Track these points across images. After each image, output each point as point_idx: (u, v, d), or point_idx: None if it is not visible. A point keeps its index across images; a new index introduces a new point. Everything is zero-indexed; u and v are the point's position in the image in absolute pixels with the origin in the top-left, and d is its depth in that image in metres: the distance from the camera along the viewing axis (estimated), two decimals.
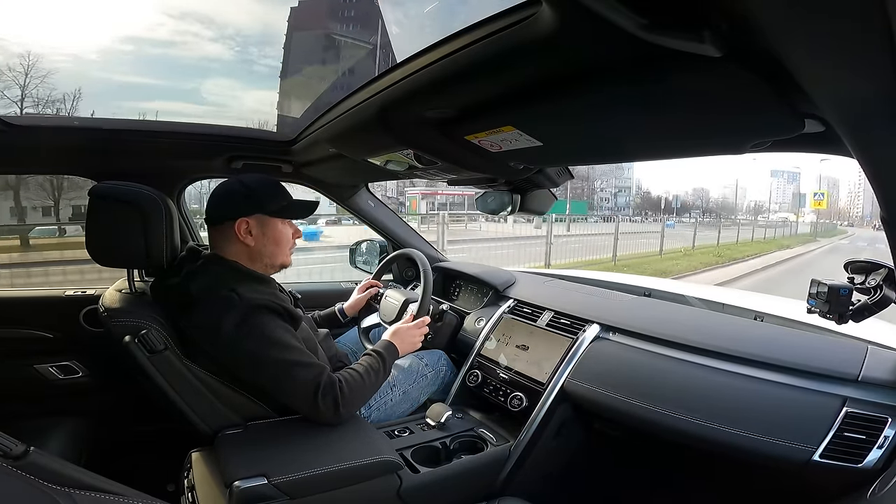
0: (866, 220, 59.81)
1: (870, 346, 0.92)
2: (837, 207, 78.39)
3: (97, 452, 1.29)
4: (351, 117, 0.91)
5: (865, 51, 0.33)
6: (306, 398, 0.92)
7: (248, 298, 0.94)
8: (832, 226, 34.96)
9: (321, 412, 0.93)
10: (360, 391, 1.00)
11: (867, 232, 33.87)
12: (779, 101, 0.50)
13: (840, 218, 71.89)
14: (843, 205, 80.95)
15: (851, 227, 52.06)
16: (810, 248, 16.04)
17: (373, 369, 1.06)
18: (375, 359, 1.09)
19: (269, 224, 1.04)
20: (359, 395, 1.00)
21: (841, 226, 53.20)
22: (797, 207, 38.45)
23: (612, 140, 0.80)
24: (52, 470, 0.48)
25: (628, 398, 1.00)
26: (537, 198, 1.26)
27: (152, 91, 25.12)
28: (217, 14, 6.62)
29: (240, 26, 5.86)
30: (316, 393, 0.92)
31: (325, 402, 0.93)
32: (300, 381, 0.93)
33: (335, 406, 0.94)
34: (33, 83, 11.88)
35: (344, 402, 0.95)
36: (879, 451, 0.75)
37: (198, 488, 0.84)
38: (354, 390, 0.98)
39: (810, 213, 34.96)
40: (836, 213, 74.76)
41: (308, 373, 0.94)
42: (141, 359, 0.89)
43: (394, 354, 1.14)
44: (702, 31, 0.38)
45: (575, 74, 0.55)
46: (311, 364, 0.95)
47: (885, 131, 0.44)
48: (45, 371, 1.38)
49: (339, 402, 0.94)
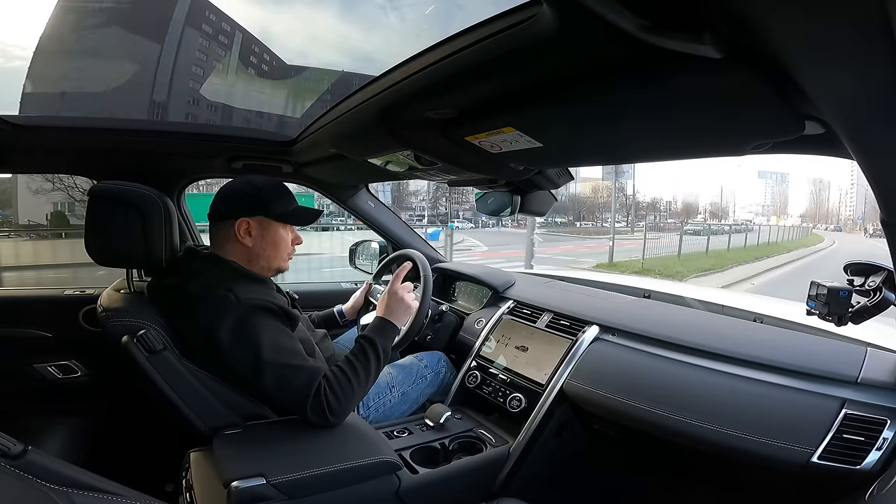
0: (858, 223, 53.51)
1: (869, 348, 0.92)
2: (826, 208, 75.02)
3: (95, 452, 1.29)
4: (351, 118, 0.91)
5: (866, 52, 0.33)
6: (297, 404, 0.91)
7: (245, 299, 0.94)
8: (805, 230, 28.92)
9: (312, 419, 0.91)
10: (347, 390, 0.94)
11: (853, 239, 27.80)
12: (779, 103, 0.50)
13: (828, 220, 67.70)
14: (833, 206, 75.88)
15: (839, 232, 46.41)
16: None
17: (358, 361, 0.99)
18: (360, 346, 1.02)
19: (270, 227, 1.04)
20: (348, 394, 0.94)
21: (827, 229, 47.09)
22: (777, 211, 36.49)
23: (612, 141, 0.80)
24: (51, 469, 0.48)
25: (627, 399, 1.00)
26: (537, 199, 1.27)
27: None
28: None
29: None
30: (306, 399, 0.90)
31: (314, 410, 0.90)
32: (292, 386, 0.91)
33: (322, 413, 0.90)
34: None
35: (330, 409, 0.91)
36: (878, 453, 0.75)
37: (196, 488, 0.84)
38: (340, 393, 0.93)
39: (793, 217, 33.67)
40: (824, 214, 71.66)
41: (299, 378, 0.91)
42: (139, 359, 0.89)
43: (384, 330, 1.06)
44: (702, 33, 0.38)
45: (575, 76, 0.55)
46: (303, 367, 0.93)
47: (886, 133, 0.44)
48: (44, 370, 1.37)
49: (325, 409, 0.90)
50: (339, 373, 0.96)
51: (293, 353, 0.94)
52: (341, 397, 0.93)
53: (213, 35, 1.55)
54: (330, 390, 0.92)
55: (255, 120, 1.70)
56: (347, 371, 0.96)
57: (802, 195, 77.30)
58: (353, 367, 0.98)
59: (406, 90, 0.70)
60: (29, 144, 1.24)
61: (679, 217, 47.16)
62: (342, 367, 0.97)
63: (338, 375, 0.95)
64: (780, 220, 29.22)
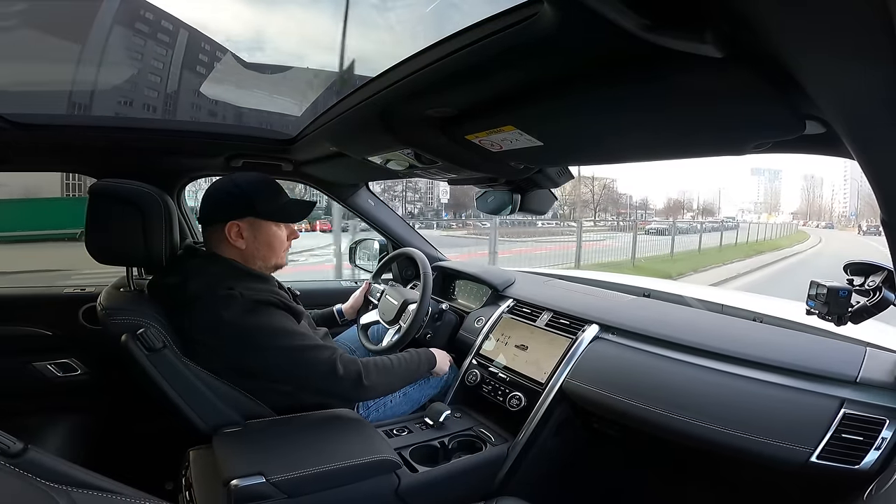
0: (851, 220, 51.33)
1: (868, 348, 0.92)
2: (819, 205, 71.62)
3: (95, 450, 1.29)
4: (352, 116, 0.91)
5: (867, 51, 0.33)
6: (327, 373, 0.94)
7: (248, 295, 0.94)
8: (791, 227, 24.58)
9: (344, 384, 0.95)
10: (385, 369, 1.05)
11: (844, 238, 23.78)
12: (780, 103, 0.49)
13: (820, 217, 65.59)
14: (826, 202, 71.94)
15: (831, 229, 43.64)
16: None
17: (405, 359, 1.12)
18: (411, 353, 1.15)
19: (262, 227, 1.01)
20: (384, 373, 1.04)
21: (818, 226, 43.62)
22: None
23: (613, 140, 0.80)
24: (50, 468, 0.48)
25: (627, 398, 1.00)
26: (538, 197, 1.26)
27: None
28: (210, 21, 6.47)
29: (230, 32, 5.68)
30: (335, 366, 0.95)
31: (348, 372, 0.96)
32: (317, 360, 0.95)
33: (357, 376, 0.96)
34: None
35: (367, 373, 0.98)
36: (877, 453, 0.76)
37: (196, 486, 0.84)
38: (379, 366, 1.03)
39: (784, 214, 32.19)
40: (816, 211, 69.23)
41: (323, 352, 0.96)
42: (139, 357, 0.89)
43: (430, 358, 1.21)
44: (703, 32, 0.38)
45: (576, 74, 0.55)
46: (324, 346, 0.98)
47: (886, 133, 0.44)
48: (44, 369, 1.37)
49: (361, 373, 0.97)
50: (381, 357, 1.10)
51: (307, 336, 0.97)
52: (381, 368, 1.04)
53: (150, 34, 1.51)
54: (371, 361, 1.03)
55: (204, 118, 1.67)
56: (391, 357, 1.10)
57: (794, 191, 76.29)
58: (397, 357, 1.12)
59: (406, 88, 0.70)
60: (28, 142, 1.24)
61: (667, 215, 45.31)
62: (384, 357, 1.11)
63: (379, 358, 1.09)
64: (770, 217, 28.19)
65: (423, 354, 1.19)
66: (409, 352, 1.17)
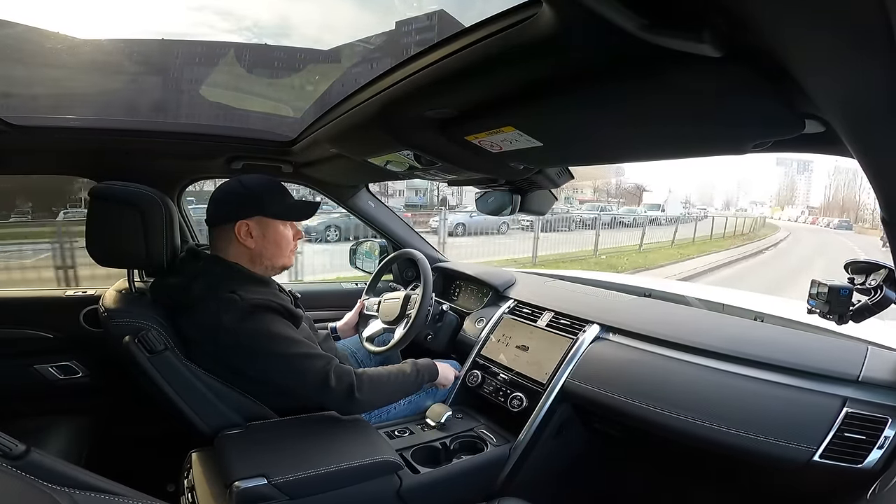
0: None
1: (870, 347, 0.92)
2: (843, 199, 59.16)
3: (97, 452, 1.29)
4: (351, 117, 0.91)
5: (865, 50, 0.33)
6: (319, 383, 0.94)
7: (249, 299, 0.94)
8: (759, 222, 20.35)
9: (335, 395, 0.94)
10: (378, 381, 1.03)
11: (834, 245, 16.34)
12: (779, 102, 0.50)
13: (843, 213, 55.55)
14: (857, 198, 55.84)
15: (847, 230, 35.96)
16: None
17: (401, 371, 1.09)
18: (407, 364, 1.13)
19: (270, 226, 1.03)
20: (377, 385, 1.02)
21: (828, 225, 34.21)
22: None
23: (612, 141, 0.80)
24: (52, 470, 0.48)
25: (628, 398, 1.00)
26: (537, 198, 1.26)
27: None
28: (235, 7, 6.27)
29: (257, 18, 5.56)
30: (327, 377, 0.94)
31: (340, 383, 0.95)
32: (310, 369, 0.94)
33: (350, 389, 0.95)
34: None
35: (359, 386, 0.97)
36: (880, 452, 0.75)
37: (198, 488, 0.84)
38: (373, 379, 1.01)
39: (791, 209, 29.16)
40: (839, 207, 58.28)
41: (317, 362, 0.95)
42: (141, 359, 0.89)
43: (431, 370, 1.17)
44: (702, 31, 0.38)
45: (575, 75, 0.55)
46: (319, 355, 0.97)
47: (885, 131, 0.44)
48: (45, 371, 1.37)
49: (353, 385, 0.96)
50: (376, 368, 1.07)
51: (303, 344, 0.97)
52: (374, 380, 1.02)
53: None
54: (364, 373, 1.01)
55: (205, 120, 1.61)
56: (386, 369, 1.08)
57: (820, 186, 72.79)
58: (391, 370, 1.09)
59: (406, 89, 0.70)
60: (28, 145, 1.24)
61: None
62: (379, 368, 1.08)
63: (373, 369, 1.06)
64: (775, 211, 26.39)
65: (423, 366, 1.16)
66: (409, 362, 1.14)
